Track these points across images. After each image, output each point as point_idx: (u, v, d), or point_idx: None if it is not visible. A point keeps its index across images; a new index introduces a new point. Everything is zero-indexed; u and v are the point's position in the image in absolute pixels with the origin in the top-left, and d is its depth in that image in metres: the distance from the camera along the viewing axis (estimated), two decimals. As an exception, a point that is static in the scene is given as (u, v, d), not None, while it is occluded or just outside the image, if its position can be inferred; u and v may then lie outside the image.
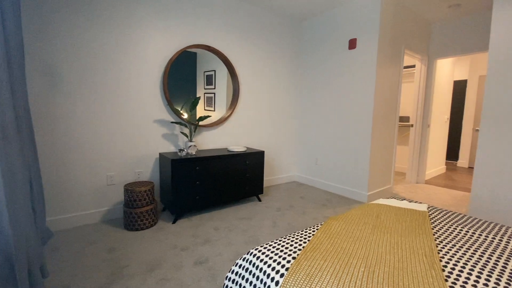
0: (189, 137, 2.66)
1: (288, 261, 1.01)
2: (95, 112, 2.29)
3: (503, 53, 2.20)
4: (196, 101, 2.61)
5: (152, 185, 2.37)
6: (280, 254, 1.07)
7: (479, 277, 0.94)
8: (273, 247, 1.14)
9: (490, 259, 1.08)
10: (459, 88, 5.50)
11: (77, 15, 2.14)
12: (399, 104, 3.43)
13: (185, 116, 2.78)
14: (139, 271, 1.66)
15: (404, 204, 1.73)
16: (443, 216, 1.56)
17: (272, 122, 3.70)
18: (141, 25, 2.45)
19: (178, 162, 2.33)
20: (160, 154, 2.60)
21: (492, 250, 1.15)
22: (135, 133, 2.52)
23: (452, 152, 5.66)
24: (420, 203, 1.78)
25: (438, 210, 1.67)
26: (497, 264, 1.03)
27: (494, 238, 1.27)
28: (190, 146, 2.53)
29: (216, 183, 2.62)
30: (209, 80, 3.05)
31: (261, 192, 3.07)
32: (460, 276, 0.95)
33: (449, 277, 0.94)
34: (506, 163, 2.21)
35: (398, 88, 3.37)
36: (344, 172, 3.38)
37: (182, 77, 2.79)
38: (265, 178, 3.69)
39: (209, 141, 3.07)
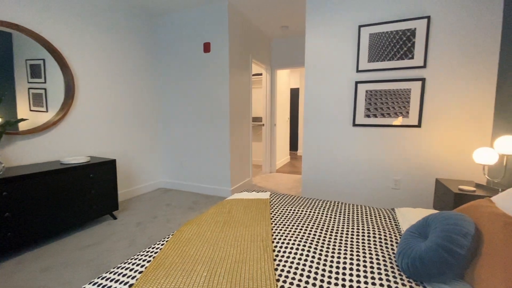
0: (-13, 152, 1.86)
1: (124, 292, 0.87)
2: None
3: (312, 67, 2.92)
4: (-4, 100, 1.85)
5: None
6: (115, 285, 0.90)
7: (297, 248, 1.16)
8: (107, 279, 0.95)
9: (307, 229, 1.37)
10: (295, 94, 6.97)
11: None
12: (251, 106, 3.89)
13: (-21, 121, 1.93)
14: None
15: (253, 195, 1.95)
16: (280, 200, 1.87)
17: (129, 125, 3.25)
18: None
19: (-38, 191, 1.57)
20: None
21: (309, 221, 1.48)
22: None
23: (293, 144, 7.13)
24: (265, 191, 2.06)
25: (277, 195, 1.99)
26: (311, 232, 1.33)
27: (311, 211, 1.64)
28: (-12, 165, 1.77)
29: (43, 208, 1.99)
30: (36, 72, 2.29)
31: (116, 208, 2.63)
32: (285, 252, 1.13)
33: (277, 255, 1.11)
34: (314, 151, 2.96)
35: (249, 92, 3.81)
36: (208, 172, 3.47)
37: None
38: (122, 190, 3.20)
39: (32, 154, 2.30)
